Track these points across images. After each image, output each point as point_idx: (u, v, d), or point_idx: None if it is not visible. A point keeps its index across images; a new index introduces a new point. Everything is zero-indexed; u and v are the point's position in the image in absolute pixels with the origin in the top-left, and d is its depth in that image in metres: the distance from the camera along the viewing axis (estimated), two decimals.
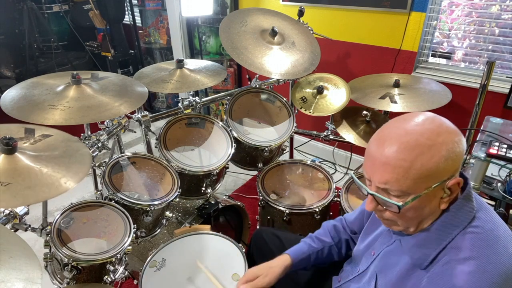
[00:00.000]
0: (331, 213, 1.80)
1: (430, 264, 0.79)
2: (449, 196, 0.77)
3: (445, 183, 0.75)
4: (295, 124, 1.89)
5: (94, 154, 1.42)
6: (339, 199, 1.72)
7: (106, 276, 1.21)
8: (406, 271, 0.83)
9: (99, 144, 1.47)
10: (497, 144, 1.44)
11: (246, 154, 1.85)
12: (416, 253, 0.82)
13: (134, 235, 1.25)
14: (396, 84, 1.85)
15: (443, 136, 0.74)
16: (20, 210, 1.20)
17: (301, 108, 1.95)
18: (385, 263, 0.91)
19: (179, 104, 1.77)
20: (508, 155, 1.38)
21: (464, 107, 2.14)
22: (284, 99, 1.94)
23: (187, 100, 1.79)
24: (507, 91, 1.88)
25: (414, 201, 0.76)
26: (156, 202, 1.38)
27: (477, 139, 1.54)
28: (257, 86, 2.02)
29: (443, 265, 0.76)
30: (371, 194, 0.81)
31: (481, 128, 1.66)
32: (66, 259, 1.12)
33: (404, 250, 0.86)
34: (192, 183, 1.63)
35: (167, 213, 1.50)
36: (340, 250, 1.21)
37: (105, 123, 1.57)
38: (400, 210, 0.77)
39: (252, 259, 1.35)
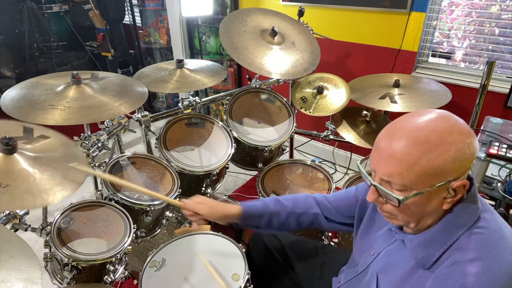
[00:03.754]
0: None
1: (434, 264, 0.78)
2: (452, 197, 0.76)
3: (450, 183, 0.74)
4: (295, 124, 1.89)
5: (94, 154, 1.42)
6: None
7: (106, 276, 1.21)
8: (409, 271, 0.83)
9: (99, 144, 1.46)
10: (497, 144, 1.44)
11: (246, 154, 1.85)
12: (420, 253, 0.81)
13: (134, 235, 1.25)
14: (396, 84, 1.85)
15: (454, 136, 0.72)
16: (20, 210, 1.20)
17: (301, 108, 1.95)
18: (386, 263, 0.90)
19: (179, 104, 1.77)
20: (508, 155, 1.38)
21: (464, 107, 2.14)
22: (284, 99, 1.94)
23: (187, 100, 1.79)
24: (507, 91, 1.88)
25: (416, 197, 0.75)
26: (156, 202, 1.38)
27: (477, 139, 1.54)
28: (257, 86, 2.02)
29: (449, 266, 0.75)
30: (374, 185, 0.80)
31: (481, 128, 1.66)
32: (66, 259, 1.12)
33: (408, 249, 0.85)
34: (192, 183, 1.63)
35: (167, 213, 1.50)
36: (298, 220, 1.19)
37: (105, 123, 1.57)
38: (400, 204, 0.76)
39: (251, 259, 1.35)
